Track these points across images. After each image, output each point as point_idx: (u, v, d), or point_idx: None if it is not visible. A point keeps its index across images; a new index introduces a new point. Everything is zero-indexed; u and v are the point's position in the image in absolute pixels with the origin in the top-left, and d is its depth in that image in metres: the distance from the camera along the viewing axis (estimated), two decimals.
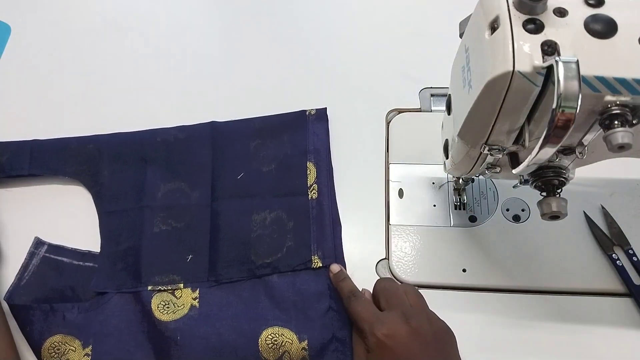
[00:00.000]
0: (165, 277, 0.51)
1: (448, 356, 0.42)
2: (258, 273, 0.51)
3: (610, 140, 0.30)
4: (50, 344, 0.48)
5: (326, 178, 0.55)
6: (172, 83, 0.64)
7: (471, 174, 0.44)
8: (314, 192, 0.54)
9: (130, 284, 0.51)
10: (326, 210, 0.53)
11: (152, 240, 0.53)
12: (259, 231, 0.53)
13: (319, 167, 0.55)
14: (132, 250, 0.53)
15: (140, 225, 0.54)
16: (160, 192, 0.56)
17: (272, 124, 0.58)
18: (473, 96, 0.34)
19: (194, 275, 0.51)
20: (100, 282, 0.51)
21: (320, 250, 0.51)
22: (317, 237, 0.52)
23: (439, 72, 0.51)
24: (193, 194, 0.55)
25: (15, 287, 0.52)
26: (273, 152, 0.57)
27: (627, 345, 0.47)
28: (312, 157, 0.56)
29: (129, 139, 0.58)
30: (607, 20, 0.30)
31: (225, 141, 0.57)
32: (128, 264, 0.52)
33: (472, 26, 0.35)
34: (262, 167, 0.56)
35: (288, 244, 0.52)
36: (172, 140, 0.58)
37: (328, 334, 0.47)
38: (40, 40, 0.68)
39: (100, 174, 0.57)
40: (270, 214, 0.54)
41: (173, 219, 0.54)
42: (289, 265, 0.51)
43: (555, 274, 0.49)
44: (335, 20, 0.68)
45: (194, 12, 0.71)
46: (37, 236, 0.54)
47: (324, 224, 0.52)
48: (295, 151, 0.56)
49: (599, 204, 0.52)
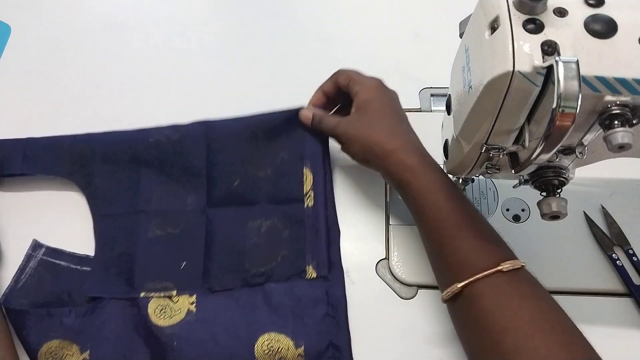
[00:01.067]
0: (158, 283, 0.51)
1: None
2: (252, 282, 0.50)
3: (610, 140, 0.30)
4: (48, 349, 0.48)
5: (323, 184, 0.53)
6: (172, 83, 0.64)
7: (471, 174, 0.44)
8: (309, 199, 0.53)
9: (123, 290, 0.50)
10: (322, 218, 0.52)
11: (146, 246, 0.53)
12: (254, 239, 0.52)
13: (316, 173, 0.54)
14: (126, 255, 0.52)
15: (135, 230, 0.53)
16: (155, 195, 0.55)
17: (267, 123, 0.55)
18: (473, 96, 0.34)
19: (188, 282, 0.51)
20: (93, 286, 0.51)
21: (315, 260, 0.50)
22: (312, 247, 0.51)
23: (439, 72, 0.51)
24: (188, 199, 0.54)
25: (12, 289, 0.51)
26: (269, 156, 0.55)
27: (627, 345, 0.47)
28: (309, 162, 0.54)
29: (122, 139, 0.57)
30: (607, 20, 0.30)
31: (220, 143, 0.56)
32: (122, 270, 0.52)
33: (472, 26, 0.35)
34: (258, 172, 0.55)
35: (283, 253, 0.51)
36: (164, 141, 0.56)
37: (325, 340, 0.47)
38: (40, 40, 0.68)
39: (93, 175, 0.56)
40: (266, 221, 0.53)
41: (168, 224, 0.54)
42: (283, 275, 0.50)
43: (555, 274, 0.49)
44: (335, 20, 0.68)
45: (193, 11, 0.70)
46: (35, 238, 0.54)
47: (319, 233, 0.51)
48: (291, 156, 0.55)
49: (599, 204, 0.52)
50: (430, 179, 0.44)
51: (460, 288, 0.39)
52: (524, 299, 0.38)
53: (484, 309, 0.38)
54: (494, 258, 0.39)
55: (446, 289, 0.40)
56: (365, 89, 0.50)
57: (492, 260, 0.39)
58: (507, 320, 0.37)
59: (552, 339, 0.35)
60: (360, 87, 0.50)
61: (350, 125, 0.49)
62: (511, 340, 0.36)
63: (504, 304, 0.37)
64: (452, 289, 0.39)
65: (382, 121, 0.48)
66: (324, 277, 0.50)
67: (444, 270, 0.42)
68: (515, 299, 0.38)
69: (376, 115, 0.48)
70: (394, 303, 0.50)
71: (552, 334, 0.35)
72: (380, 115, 0.48)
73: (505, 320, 0.37)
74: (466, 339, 0.41)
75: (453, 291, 0.39)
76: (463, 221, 0.42)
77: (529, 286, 0.39)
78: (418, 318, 0.49)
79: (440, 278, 0.43)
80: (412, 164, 0.45)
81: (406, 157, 0.45)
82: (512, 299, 0.38)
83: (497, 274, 0.38)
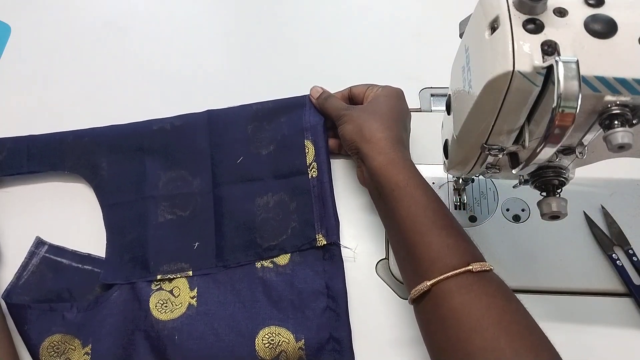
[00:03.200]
0: (173, 265, 0.52)
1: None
2: (265, 255, 0.51)
3: (610, 140, 0.30)
4: (50, 343, 0.48)
5: (324, 154, 0.55)
6: (172, 83, 0.64)
7: (471, 174, 0.44)
8: (313, 170, 0.54)
9: (138, 274, 0.51)
10: (326, 187, 0.53)
11: (157, 230, 0.53)
12: (263, 214, 0.53)
13: (317, 144, 0.55)
14: (138, 241, 0.53)
15: (144, 215, 0.54)
16: (161, 181, 0.56)
17: (269, 107, 0.58)
18: (473, 96, 0.34)
19: (202, 261, 0.52)
20: (109, 274, 0.51)
21: (324, 228, 0.52)
22: (320, 215, 0.52)
23: (439, 72, 0.51)
24: (194, 182, 0.55)
25: (14, 285, 0.52)
26: (271, 134, 0.57)
27: (627, 345, 0.47)
28: (310, 134, 0.56)
29: (125, 130, 0.58)
30: (607, 20, 0.30)
31: (222, 126, 0.57)
32: (135, 255, 0.52)
33: (472, 26, 0.35)
34: (260, 150, 0.56)
35: (292, 224, 0.52)
36: (168, 128, 0.58)
37: (325, 333, 0.47)
38: (40, 40, 0.68)
39: (99, 166, 0.57)
40: (273, 196, 0.54)
41: (177, 207, 0.54)
42: (295, 246, 0.51)
43: (555, 274, 0.49)
44: (336, 21, 0.68)
45: (192, 11, 0.70)
46: (39, 236, 0.54)
47: (325, 201, 0.53)
48: (292, 130, 0.56)
49: (599, 204, 0.52)
50: (410, 173, 0.44)
51: (430, 286, 0.39)
52: (493, 299, 0.37)
53: (452, 308, 0.37)
54: (465, 257, 0.39)
55: (414, 288, 0.40)
56: (384, 88, 0.53)
57: (464, 260, 0.39)
58: (475, 320, 0.36)
59: (520, 341, 0.35)
60: (379, 87, 0.53)
61: (355, 107, 0.52)
62: (478, 340, 0.35)
63: (473, 303, 0.37)
64: (422, 286, 0.39)
65: (384, 113, 0.49)
66: (335, 244, 0.51)
67: (414, 267, 0.41)
68: (483, 300, 0.37)
69: (381, 107, 0.50)
70: (394, 303, 0.50)
71: (520, 336, 0.35)
72: (384, 108, 0.50)
73: (473, 320, 0.36)
74: (431, 340, 0.40)
75: (422, 289, 0.39)
76: (438, 218, 0.42)
77: (498, 288, 0.39)
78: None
79: (409, 277, 0.42)
80: (395, 156, 0.45)
81: (391, 148, 0.46)
82: (480, 299, 0.37)
83: (467, 273, 0.38)
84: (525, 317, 0.37)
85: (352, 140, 0.49)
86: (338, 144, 0.57)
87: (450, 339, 0.37)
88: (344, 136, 0.50)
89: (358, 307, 0.50)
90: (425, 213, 0.42)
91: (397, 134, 0.48)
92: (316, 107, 0.57)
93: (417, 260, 0.41)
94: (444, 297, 0.38)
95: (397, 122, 0.49)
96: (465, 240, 0.41)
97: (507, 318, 0.36)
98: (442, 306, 0.38)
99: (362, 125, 0.48)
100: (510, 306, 0.37)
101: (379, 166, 0.45)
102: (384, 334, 0.49)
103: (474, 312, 0.37)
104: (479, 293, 0.38)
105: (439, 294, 0.39)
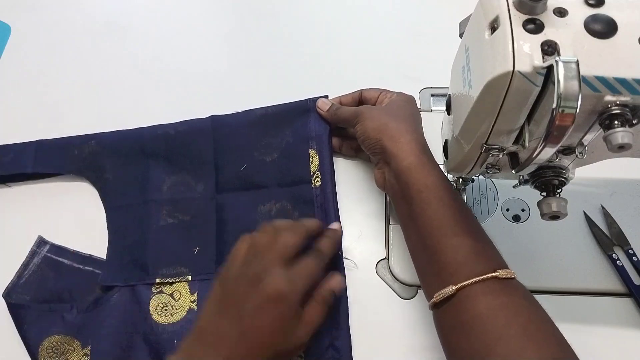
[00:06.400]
0: (172, 269, 0.52)
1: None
2: None
3: (610, 140, 0.30)
4: (49, 344, 0.48)
5: (328, 164, 0.54)
6: (172, 83, 0.64)
7: (471, 174, 0.44)
8: (317, 179, 0.54)
9: (137, 276, 0.51)
10: (329, 197, 0.53)
11: (158, 234, 0.53)
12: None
13: (321, 154, 0.55)
14: (139, 243, 0.53)
15: (146, 218, 0.54)
16: (165, 185, 0.56)
17: (272, 113, 0.57)
18: (473, 96, 0.34)
19: (202, 266, 0.52)
20: (108, 275, 0.52)
21: None
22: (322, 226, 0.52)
23: (439, 72, 0.51)
24: (197, 187, 0.55)
25: (14, 284, 0.52)
26: (275, 141, 0.56)
27: (627, 345, 0.47)
28: (314, 143, 0.55)
29: (130, 135, 0.58)
30: (607, 20, 0.30)
31: (226, 132, 0.57)
32: (135, 257, 0.52)
33: (472, 26, 0.35)
34: (265, 157, 0.56)
35: None
36: (172, 133, 0.58)
37: (324, 341, 0.47)
38: (40, 40, 0.68)
39: (104, 169, 0.57)
40: (276, 204, 0.54)
41: (179, 212, 0.54)
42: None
43: (555, 274, 0.49)
44: (336, 20, 0.68)
45: (194, 11, 0.71)
46: (41, 235, 0.54)
47: (328, 211, 0.52)
48: (297, 139, 0.56)
49: (599, 204, 0.52)
50: (440, 176, 0.44)
51: (455, 290, 0.38)
52: (519, 307, 0.37)
53: (478, 314, 0.37)
54: (491, 263, 0.39)
55: (437, 292, 0.39)
56: (399, 93, 0.53)
57: (490, 266, 0.38)
58: (502, 327, 0.36)
59: (545, 351, 0.35)
60: (393, 92, 0.53)
61: (373, 107, 0.52)
62: (503, 348, 0.35)
63: (500, 310, 0.37)
64: (446, 290, 0.38)
65: (407, 116, 0.49)
66: (337, 255, 0.50)
67: (437, 271, 0.41)
68: (510, 307, 0.37)
69: (403, 111, 0.50)
70: (394, 303, 0.50)
71: (545, 345, 0.35)
72: (402, 111, 0.50)
73: (499, 327, 0.36)
74: (453, 346, 0.39)
75: (446, 293, 0.38)
76: (465, 222, 0.41)
77: (523, 296, 0.38)
78: (418, 318, 0.49)
79: (431, 280, 0.41)
80: (425, 159, 0.45)
81: (420, 150, 0.45)
82: (506, 306, 0.37)
83: (493, 280, 0.38)
84: (551, 326, 0.37)
85: (377, 139, 0.47)
86: (339, 142, 0.56)
87: (473, 345, 0.37)
88: (365, 133, 0.48)
89: (358, 308, 0.50)
90: (454, 216, 0.41)
91: (422, 138, 0.48)
92: (327, 119, 0.55)
93: (441, 264, 0.40)
94: (469, 302, 0.38)
95: (419, 127, 0.49)
96: (491, 247, 0.41)
97: (534, 327, 0.36)
98: (467, 311, 0.37)
99: (387, 124, 0.47)
100: (536, 314, 0.37)
101: (409, 167, 0.44)
102: (384, 335, 0.49)
103: (500, 319, 0.36)
104: (505, 300, 0.37)
105: (463, 299, 0.38)
